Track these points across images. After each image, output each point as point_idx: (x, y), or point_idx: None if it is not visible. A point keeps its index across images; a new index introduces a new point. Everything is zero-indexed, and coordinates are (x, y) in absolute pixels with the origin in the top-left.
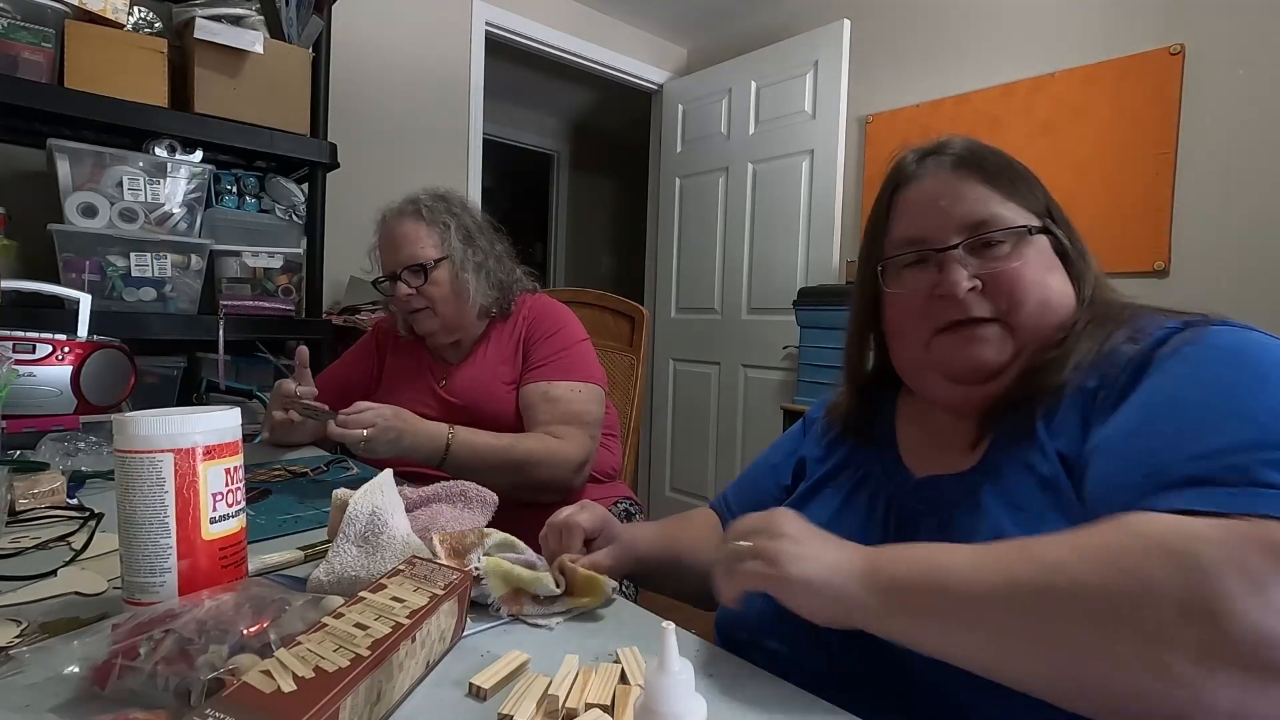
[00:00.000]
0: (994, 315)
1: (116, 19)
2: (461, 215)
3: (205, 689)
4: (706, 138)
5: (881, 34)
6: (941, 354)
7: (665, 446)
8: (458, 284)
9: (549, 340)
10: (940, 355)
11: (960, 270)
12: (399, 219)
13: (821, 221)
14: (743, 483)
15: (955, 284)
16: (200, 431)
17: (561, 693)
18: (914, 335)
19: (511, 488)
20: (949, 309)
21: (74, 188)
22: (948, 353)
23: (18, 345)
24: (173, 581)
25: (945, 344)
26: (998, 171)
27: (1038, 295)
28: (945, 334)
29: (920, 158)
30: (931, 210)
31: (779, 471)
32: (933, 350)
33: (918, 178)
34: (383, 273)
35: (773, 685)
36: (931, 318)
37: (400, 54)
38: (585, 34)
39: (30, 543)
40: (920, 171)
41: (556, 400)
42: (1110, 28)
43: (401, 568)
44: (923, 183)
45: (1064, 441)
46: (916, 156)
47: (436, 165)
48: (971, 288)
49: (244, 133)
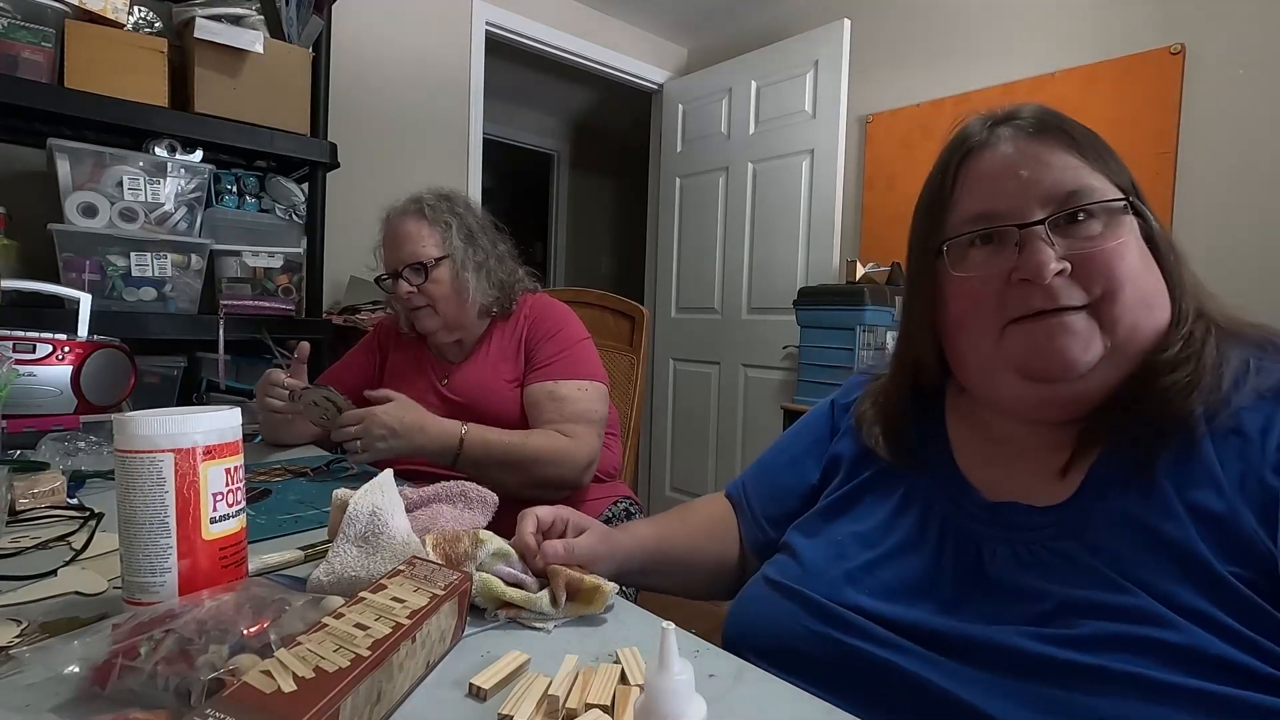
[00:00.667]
0: (1084, 304)
1: (116, 19)
2: (464, 215)
3: (205, 689)
4: (706, 137)
5: (881, 34)
6: (1017, 346)
7: (665, 446)
8: (458, 283)
9: (552, 340)
10: (1015, 348)
11: (1047, 250)
12: (402, 217)
13: (821, 221)
14: (762, 474)
15: (1041, 265)
16: (200, 431)
17: (561, 693)
18: (983, 327)
19: (520, 485)
20: (1030, 296)
21: (74, 187)
22: (1025, 345)
23: (18, 345)
24: (173, 581)
25: (1022, 334)
26: (1084, 138)
27: (1139, 286)
28: (1022, 324)
29: (990, 124)
30: (1009, 180)
31: (803, 467)
32: (1005, 343)
33: (990, 145)
34: (385, 270)
35: (773, 685)
36: (1007, 306)
37: (400, 54)
38: (585, 34)
39: (30, 543)
40: (992, 139)
41: (563, 400)
42: (1110, 28)
43: (402, 568)
44: (997, 150)
45: (1205, 494)
46: (985, 123)
47: (436, 165)
48: (1060, 271)
49: (244, 132)
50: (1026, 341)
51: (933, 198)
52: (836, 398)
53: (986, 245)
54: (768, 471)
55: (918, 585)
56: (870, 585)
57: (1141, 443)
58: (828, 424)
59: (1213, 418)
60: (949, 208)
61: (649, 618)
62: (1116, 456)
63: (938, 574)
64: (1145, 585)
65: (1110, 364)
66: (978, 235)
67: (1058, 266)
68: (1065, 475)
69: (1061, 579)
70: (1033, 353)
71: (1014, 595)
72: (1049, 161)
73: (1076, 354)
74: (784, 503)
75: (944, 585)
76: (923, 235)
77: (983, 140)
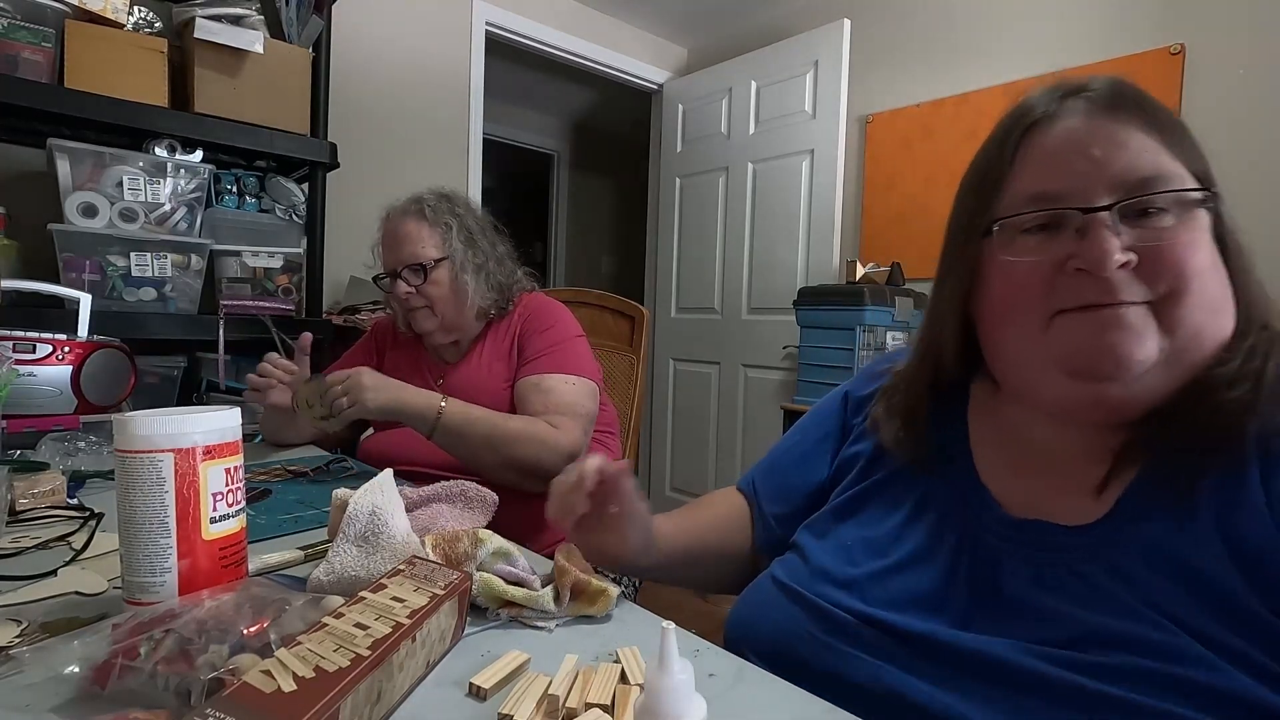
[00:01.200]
0: (1144, 300)
1: (116, 19)
2: (464, 216)
3: (205, 689)
4: (706, 138)
5: (881, 34)
6: (1064, 340)
7: (665, 446)
8: (457, 285)
9: (542, 335)
10: (1062, 342)
11: (1112, 239)
12: (402, 217)
13: (821, 221)
14: (772, 470)
15: (1104, 256)
16: (200, 431)
17: (561, 693)
18: (1029, 317)
19: (498, 465)
20: (1086, 287)
21: (74, 188)
22: (1074, 338)
23: (18, 345)
24: (173, 581)
25: (1071, 327)
26: (1164, 118)
27: (1207, 288)
28: (1072, 315)
29: (1059, 96)
30: (1078, 159)
31: (811, 464)
32: (1052, 335)
33: (1058, 118)
34: (383, 269)
35: (773, 685)
36: (1058, 296)
37: (400, 54)
38: (585, 34)
39: (30, 543)
40: (1061, 112)
41: (549, 391)
42: (1110, 28)
43: (402, 567)
44: (1066, 125)
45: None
46: (1053, 95)
47: (436, 165)
48: (1124, 264)
49: (244, 133)
50: (1075, 335)
51: (985, 173)
52: (850, 389)
53: (1042, 230)
54: (776, 470)
55: (928, 598)
56: (878, 595)
57: (1185, 463)
58: (839, 418)
59: (1265, 442)
60: (1003, 185)
61: (649, 618)
62: (1156, 476)
63: (950, 588)
64: (1176, 619)
65: (1165, 369)
66: (1036, 218)
67: (1122, 258)
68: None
69: (1086, 604)
70: (1082, 347)
71: (1033, 617)
72: (1124, 142)
73: (1130, 351)
74: (791, 501)
75: (956, 600)
76: (969, 213)
77: (1050, 113)
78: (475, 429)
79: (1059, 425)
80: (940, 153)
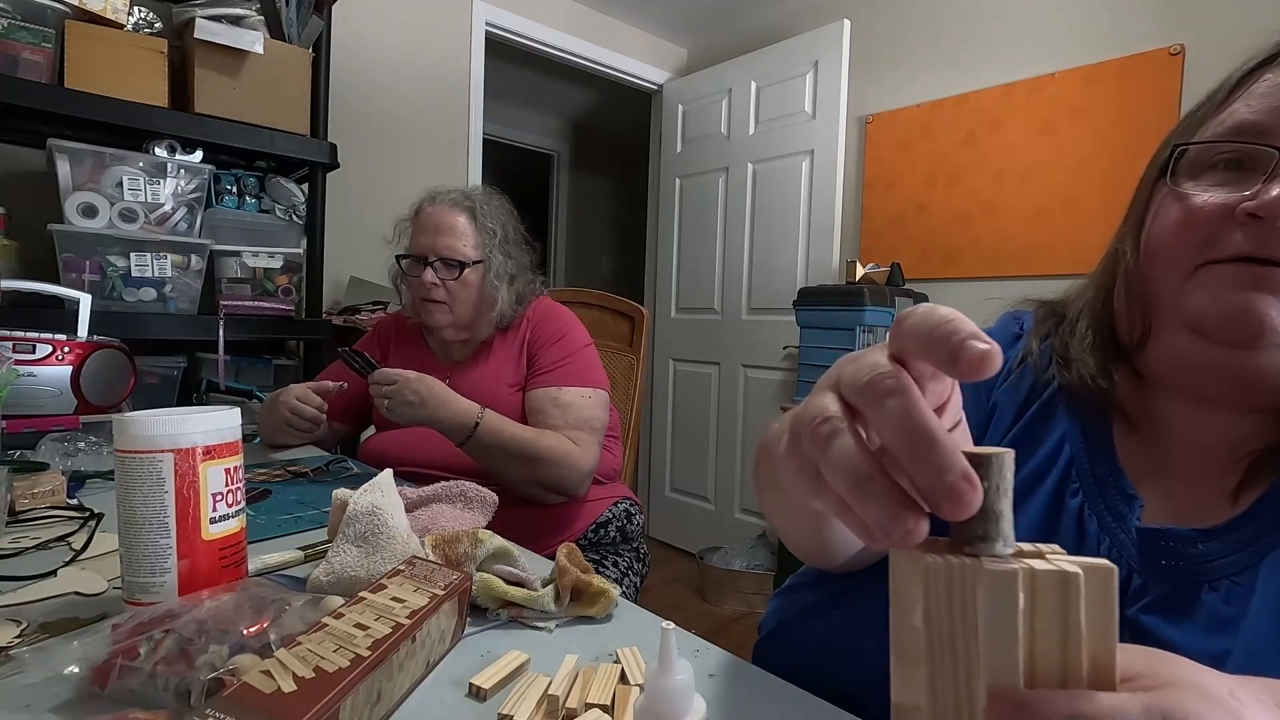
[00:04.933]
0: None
1: (116, 19)
2: (507, 224)
3: (205, 689)
4: (706, 138)
5: (881, 34)
6: (1199, 292)
7: (665, 447)
8: (484, 289)
9: (555, 345)
10: (1196, 294)
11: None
12: (450, 208)
13: (821, 221)
14: None
15: (1278, 202)
16: (200, 431)
17: (561, 693)
18: (1175, 262)
19: (522, 480)
20: (1248, 236)
21: (74, 188)
22: (1208, 291)
23: (18, 345)
24: (173, 581)
25: (1212, 279)
26: None
27: None
28: (1217, 266)
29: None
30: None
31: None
32: (1190, 286)
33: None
34: (410, 250)
35: (773, 686)
36: (1214, 242)
37: (400, 54)
38: (585, 34)
39: (30, 543)
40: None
41: (567, 406)
42: (1110, 28)
43: (401, 568)
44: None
45: None
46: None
47: (436, 165)
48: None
49: (244, 133)
50: (1212, 287)
51: (1203, 103)
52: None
53: (1233, 169)
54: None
55: None
56: None
57: None
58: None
59: None
60: (1213, 116)
61: (649, 618)
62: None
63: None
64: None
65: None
66: (1226, 150)
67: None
68: (1238, 496)
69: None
70: (1214, 301)
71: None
72: None
73: (1267, 313)
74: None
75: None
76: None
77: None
78: (507, 447)
79: (1187, 400)
80: (940, 153)
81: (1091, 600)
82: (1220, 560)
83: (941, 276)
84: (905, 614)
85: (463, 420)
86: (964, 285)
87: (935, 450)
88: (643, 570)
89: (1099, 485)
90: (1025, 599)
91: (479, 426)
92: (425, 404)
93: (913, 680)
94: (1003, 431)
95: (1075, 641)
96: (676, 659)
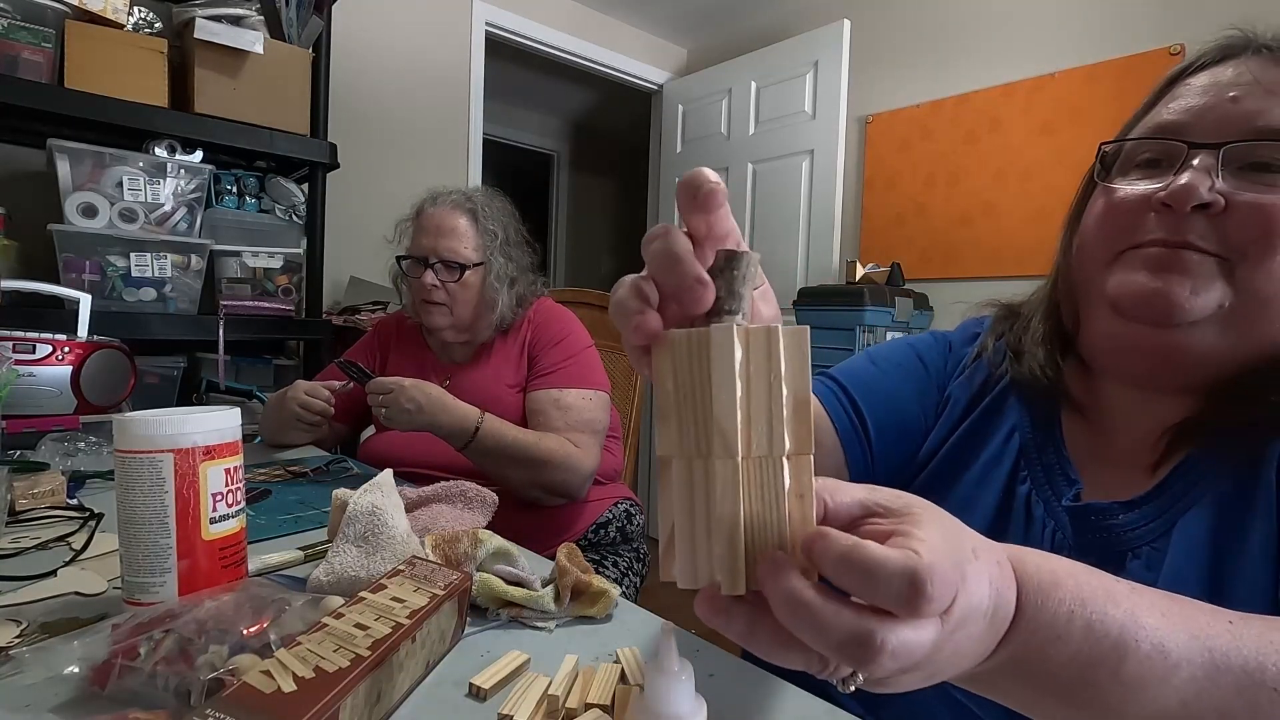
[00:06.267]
0: (1216, 252)
1: (116, 19)
2: (508, 226)
3: (205, 689)
4: (706, 138)
5: (881, 34)
6: (1118, 273)
7: None
8: (485, 291)
9: (556, 347)
10: (1118, 277)
11: (1201, 177)
12: (451, 209)
13: (821, 221)
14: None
15: (1187, 191)
16: (200, 431)
17: (561, 693)
18: (1100, 247)
19: (524, 483)
20: (1161, 223)
21: (74, 188)
22: (1125, 272)
23: (18, 345)
24: (173, 581)
25: (1131, 263)
26: None
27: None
28: (1137, 250)
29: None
30: (1215, 100)
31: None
32: (1113, 270)
33: (1220, 63)
34: (411, 252)
35: (773, 685)
36: (1133, 230)
37: (400, 54)
38: (585, 34)
39: (30, 543)
40: (1230, 57)
41: (569, 408)
42: (1110, 28)
43: (401, 568)
44: (1224, 69)
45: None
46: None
47: (436, 165)
48: (1206, 205)
49: (244, 133)
50: (1128, 269)
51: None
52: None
53: (1153, 166)
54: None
55: None
56: None
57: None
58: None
59: None
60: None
61: (649, 618)
62: (1219, 447)
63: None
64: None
65: (1222, 329)
66: (1145, 149)
67: (1207, 198)
68: (1156, 469)
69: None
70: (1129, 281)
71: None
72: (1272, 89)
73: (1177, 293)
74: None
75: None
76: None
77: (1219, 58)
78: (508, 451)
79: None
80: (940, 153)
81: (790, 350)
82: (1139, 529)
83: (941, 276)
84: (662, 383)
85: (462, 425)
86: (964, 285)
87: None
88: (643, 570)
89: (1045, 472)
90: (741, 350)
91: (479, 431)
92: (423, 410)
93: (667, 433)
94: (955, 422)
95: (778, 380)
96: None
